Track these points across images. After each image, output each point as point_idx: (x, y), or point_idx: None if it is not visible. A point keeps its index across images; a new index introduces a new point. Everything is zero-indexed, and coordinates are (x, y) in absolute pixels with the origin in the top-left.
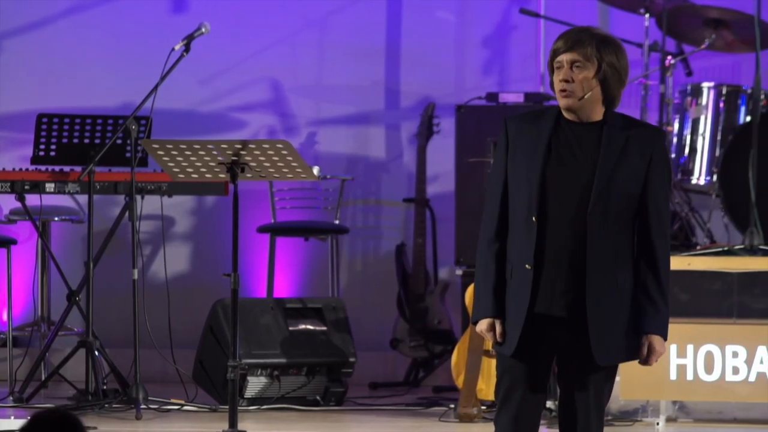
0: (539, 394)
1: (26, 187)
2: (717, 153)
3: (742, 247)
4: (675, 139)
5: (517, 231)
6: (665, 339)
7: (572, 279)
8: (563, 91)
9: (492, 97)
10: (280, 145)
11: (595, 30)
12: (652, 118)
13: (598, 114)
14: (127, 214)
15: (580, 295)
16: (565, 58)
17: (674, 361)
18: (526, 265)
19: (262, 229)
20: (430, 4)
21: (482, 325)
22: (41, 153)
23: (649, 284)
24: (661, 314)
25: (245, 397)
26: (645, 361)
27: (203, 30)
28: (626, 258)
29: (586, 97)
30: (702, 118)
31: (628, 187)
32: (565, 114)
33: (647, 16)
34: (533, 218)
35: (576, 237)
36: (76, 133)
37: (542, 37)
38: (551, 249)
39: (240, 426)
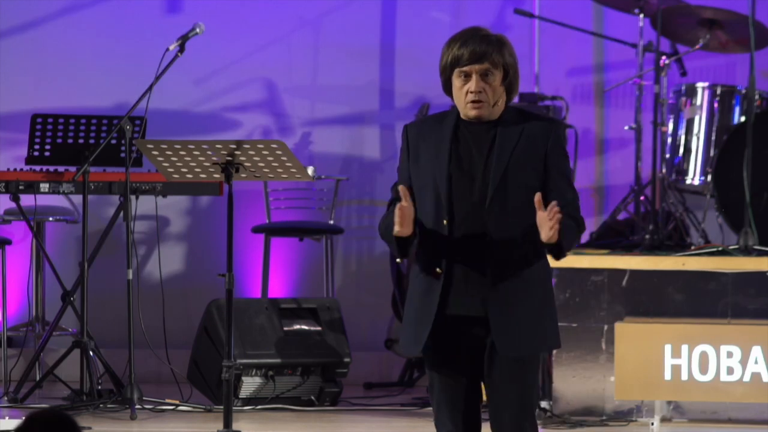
0: (468, 393)
1: (21, 188)
2: (711, 153)
3: (736, 247)
4: (669, 140)
5: (425, 234)
6: (561, 242)
7: (479, 277)
8: (476, 102)
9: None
10: (274, 146)
11: (486, 32)
12: (647, 119)
13: (497, 113)
14: (121, 214)
15: (488, 291)
16: (474, 68)
17: (669, 361)
18: (437, 269)
19: (256, 230)
20: (425, 5)
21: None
22: (36, 153)
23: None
24: (571, 225)
25: (240, 397)
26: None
27: (198, 30)
28: (531, 250)
29: (498, 104)
30: (696, 118)
31: (526, 181)
32: (463, 116)
33: (642, 16)
34: (444, 221)
35: (476, 236)
36: (71, 134)
37: (536, 38)
38: (458, 250)
39: (235, 426)
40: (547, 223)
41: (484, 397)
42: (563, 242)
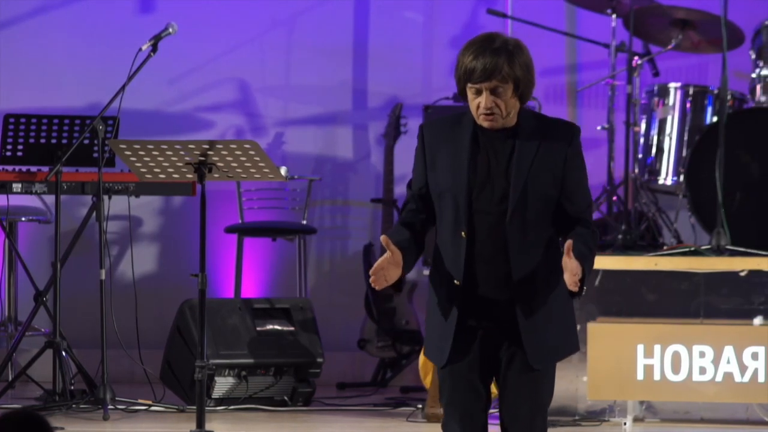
0: (480, 398)
1: None
2: (684, 153)
3: (708, 247)
4: (642, 140)
5: (444, 243)
6: (586, 274)
7: (500, 289)
8: (488, 115)
9: (459, 97)
10: (247, 146)
11: (500, 42)
12: (619, 119)
13: (513, 119)
14: (94, 214)
15: (509, 304)
16: (484, 86)
17: (641, 361)
18: (455, 281)
19: (229, 230)
20: (398, 5)
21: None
22: (8, 153)
23: (579, 233)
24: (589, 255)
25: (213, 397)
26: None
27: (170, 30)
28: (551, 258)
29: (510, 114)
30: (669, 118)
31: (546, 191)
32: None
33: (614, 16)
34: (462, 233)
35: (499, 248)
36: (43, 134)
37: None
38: (478, 261)
39: (207, 426)
40: (570, 273)
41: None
42: (584, 284)
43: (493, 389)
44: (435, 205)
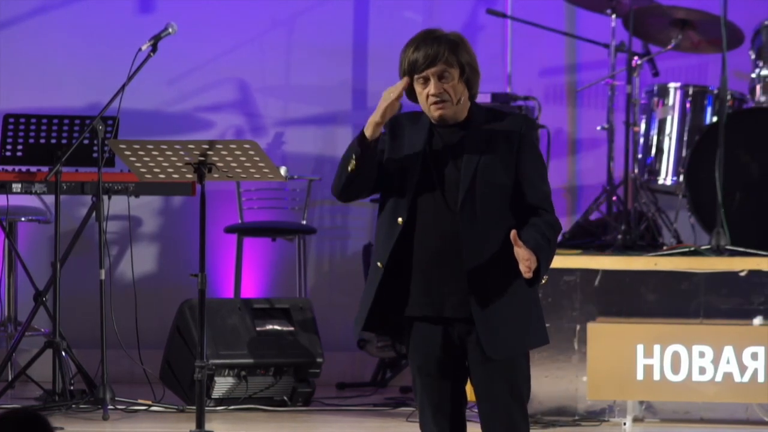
0: (449, 391)
1: None
2: (683, 153)
3: (708, 247)
4: (642, 140)
5: (381, 226)
6: (541, 260)
7: (454, 280)
8: (437, 103)
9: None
10: (247, 146)
11: (441, 33)
12: (619, 119)
13: (464, 112)
14: (94, 214)
15: (465, 294)
16: (430, 72)
17: (641, 361)
18: (378, 263)
19: (229, 230)
20: (398, 5)
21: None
22: (8, 153)
23: (535, 222)
24: (543, 242)
25: (212, 397)
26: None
27: (170, 30)
28: (505, 249)
29: (460, 102)
30: (668, 118)
31: (496, 179)
32: (433, 119)
33: (614, 16)
34: (399, 220)
35: (449, 238)
36: (43, 134)
37: (509, 38)
38: (422, 251)
39: (207, 426)
40: (521, 260)
41: (470, 397)
42: (540, 272)
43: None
44: (382, 190)
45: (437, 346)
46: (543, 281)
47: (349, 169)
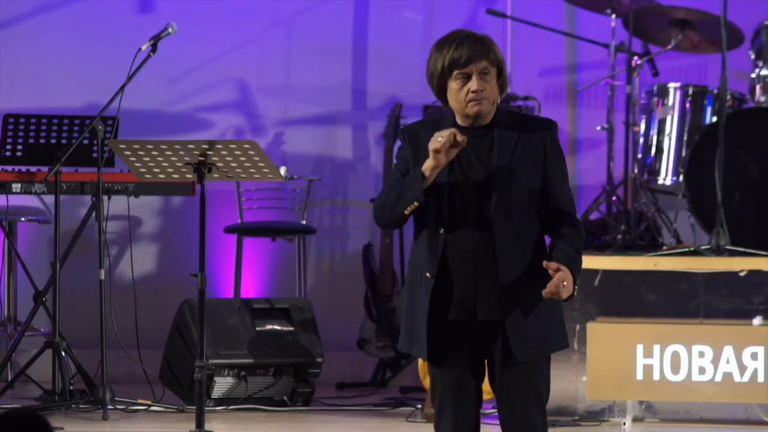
0: (472, 396)
1: None
2: (683, 153)
3: (708, 247)
4: (642, 140)
5: (423, 239)
6: (574, 282)
7: (486, 283)
8: (477, 99)
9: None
10: (247, 146)
11: (473, 32)
12: (619, 119)
13: (490, 116)
14: (93, 214)
15: (497, 297)
16: (474, 68)
17: (641, 361)
18: (427, 274)
19: (229, 230)
20: (398, 5)
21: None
22: (8, 153)
23: (564, 235)
24: (573, 256)
25: (212, 397)
26: (546, 290)
27: (170, 30)
28: (533, 251)
29: (492, 104)
30: (668, 118)
31: (528, 180)
32: (460, 121)
33: (614, 16)
34: (440, 230)
35: (484, 241)
36: (43, 134)
37: (509, 38)
38: (460, 257)
39: (207, 426)
40: (558, 282)
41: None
42: (575, 288)
43: (486, 388)
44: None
45: (467, 348)
46: (575, 294)
47: (407, 211)
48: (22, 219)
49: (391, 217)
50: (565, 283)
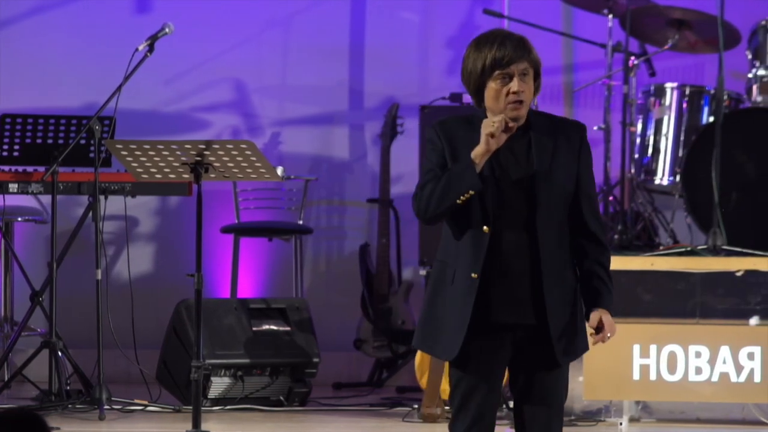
0: (495, 399)
1: None
2: (680, 153)
3: (705, 247)
4: (638, 140)
5: (462, 238)
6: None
7: (526, 284)
8: (517, 102)
9: (456, 97)
10: (243, 146)
11: (511, 33)
12: (616, 119)
13: (524, 117)
14: (90, 214)
15: (536, 299)
16: (516, 68)
17: (637, 361)
18: (473, 274)
19: (225, 230)
20: (394, 5)
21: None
22: (5, 153)
23: (596, 267)
24: (611, 293)
25: (209, 397)
26: (597, 335)
27: (167, 30)
28: (567, 253)
29: (533, 104)
30: (665, 118)
31: (565, 186)
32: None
33: (610, 16)
34: (485, 228)
35: (524, 243)
36: (40, 134)
37: None
38: (502, 257)
39: (203, 426)
40: (603, 338)
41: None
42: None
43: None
44: None
45: (495, 349)
46: None
47: (461, 200)
48: (19, 219)
49: (440, 209)
50: (609, 335)
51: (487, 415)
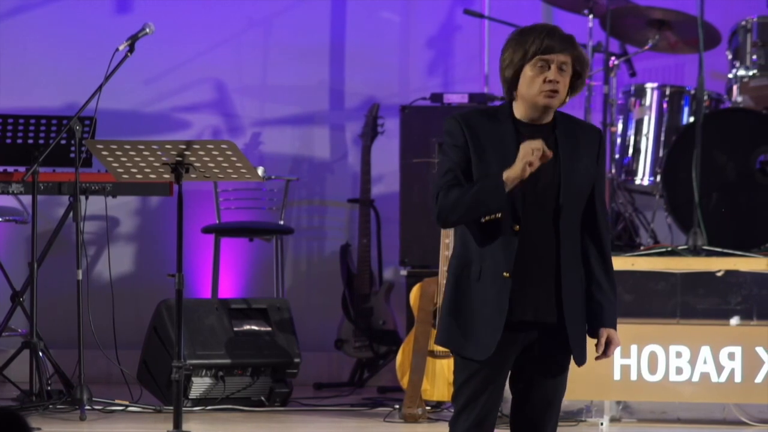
0: (499, 399)
1: None
2: (661, 154)
3: (685, 247)
4: (619, 140)
5: (489, 236)
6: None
7: (547, 283)
8: (552, 91)
9: (436, 97)
10: (224, 146)
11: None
12: (596, 119)
13: (551, 115)
14: (71, 214)
15: (556, 297)
16: (557, 58)
17: (618, 361)
18: (504, 273)
19: (206, 230)
20: (375, 5)
21: (531, 148)
22: None
23: (602, 280)
24: (614, 307)
25: (190, 397)
26: (604, 354)
27: (147, 30)
28: (580, 255)
29: (565, 100)
30: (646, 118)
31: (584, 188)
32: (518, 115)
33: (591, 16)
34: (516, 227)
35: (546, 241)
36: (20, 134)
37: (486, 38)
38: (528, 256)
39: (185, 427)
40: (609, 354)
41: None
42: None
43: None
44: None
45: (509, 348)
46: None
47: (485, 219)
48: (0, 219)
49: (463, 220)
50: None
51: (494, 411)
